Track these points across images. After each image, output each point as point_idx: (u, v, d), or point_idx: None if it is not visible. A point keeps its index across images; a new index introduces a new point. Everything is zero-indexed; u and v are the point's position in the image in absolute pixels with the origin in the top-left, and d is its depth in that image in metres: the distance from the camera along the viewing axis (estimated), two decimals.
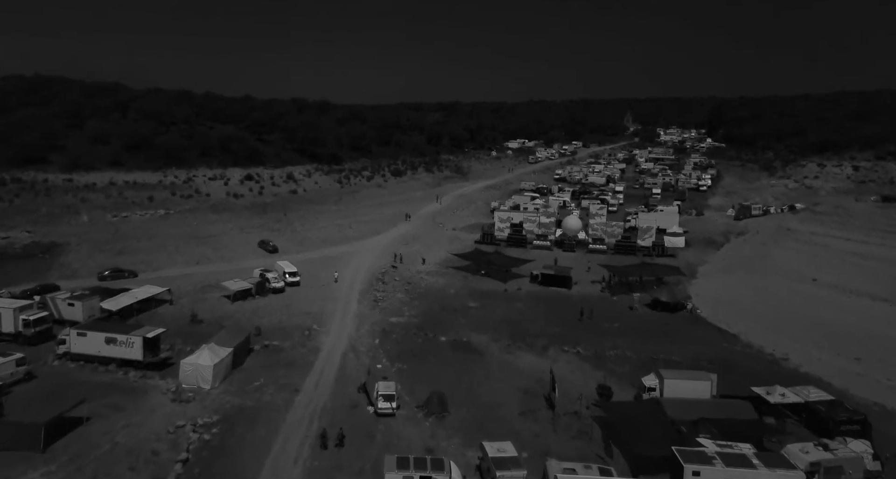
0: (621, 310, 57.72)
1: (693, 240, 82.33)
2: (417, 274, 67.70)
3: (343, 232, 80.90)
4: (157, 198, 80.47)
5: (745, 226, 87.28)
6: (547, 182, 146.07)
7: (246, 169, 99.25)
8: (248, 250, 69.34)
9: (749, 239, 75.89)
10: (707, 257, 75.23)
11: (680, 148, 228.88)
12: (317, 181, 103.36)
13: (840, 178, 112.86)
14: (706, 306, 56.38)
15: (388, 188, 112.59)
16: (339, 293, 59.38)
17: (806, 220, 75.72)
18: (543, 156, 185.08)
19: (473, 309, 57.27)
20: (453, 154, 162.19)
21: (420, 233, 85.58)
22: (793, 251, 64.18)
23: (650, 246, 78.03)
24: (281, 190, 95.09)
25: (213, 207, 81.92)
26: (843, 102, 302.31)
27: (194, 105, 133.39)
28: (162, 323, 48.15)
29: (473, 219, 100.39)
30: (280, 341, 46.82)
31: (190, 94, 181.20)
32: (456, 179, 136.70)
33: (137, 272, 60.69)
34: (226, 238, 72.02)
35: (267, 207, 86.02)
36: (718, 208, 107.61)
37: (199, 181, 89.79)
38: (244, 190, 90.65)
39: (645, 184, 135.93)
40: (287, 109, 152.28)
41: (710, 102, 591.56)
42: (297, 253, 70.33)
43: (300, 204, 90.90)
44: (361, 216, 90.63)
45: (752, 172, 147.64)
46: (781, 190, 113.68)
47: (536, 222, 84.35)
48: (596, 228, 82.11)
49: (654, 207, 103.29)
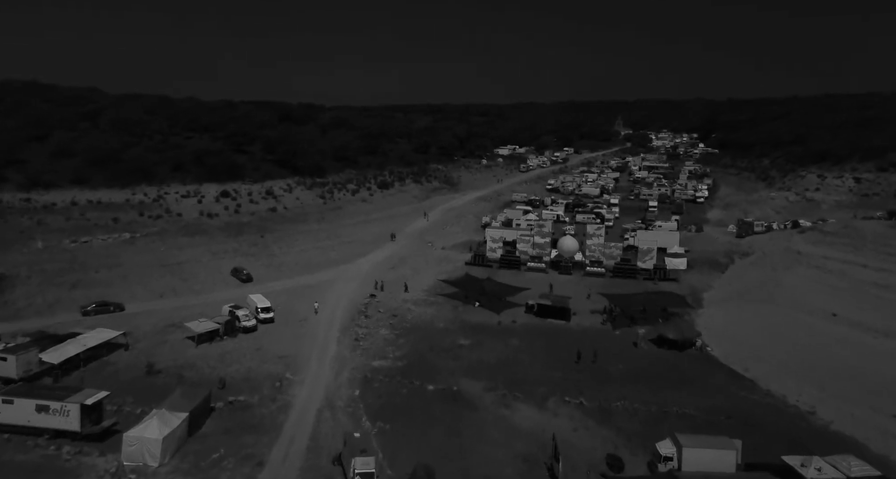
0: (624, 347, 53.04)
1: (695, 261, 77.99)
2: (404, 304, 62.61)
3: (325, 255, 75.54)
4: (123, 219, 74.54)
5: (749, 245, 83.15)
6: (539, 192, 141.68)
7: (222, 184, 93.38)
8: (220, 279, 63.80)
9: (756, 262, 71.62)
10: (711, 280, 70.87)
11: (673, 154, 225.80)
12: (298, 197, 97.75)
13: (842, 190, 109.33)
14: (716, 343, 51.81)
15: (373, 203, 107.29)
16: (317, 330, 54.16)
17: (815, 241, 71.55)
18: (535, 164, 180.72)
19: (465, 348, 52.30)
20: (442, 163, 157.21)
21: (407, 254, 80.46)
22: (806, 279, 59.88)
23: (651, 269, 73.59)
24: (259, 208, 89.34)
25: (185, 228, 76.12)
26: (834, 107, 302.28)
27: (170, 114, 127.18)
28: (113, 375, 42.71)
29: (464, 236, 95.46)
30: (247, 395, 41.51)
31: (169, 100, 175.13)
32: (445, 190, 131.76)
33: (124, 305, 55.56)
34: (196, 266, 66.38)
35: (243, 228, 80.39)
36: (718, 223, 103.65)
37: (170, 199, 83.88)
38: (219, 208, 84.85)
39: (640, 195, 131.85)
40: (268, 119, 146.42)
41: (698, 104, 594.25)
42: (273, 281, 64.91)
43: (279, 223, 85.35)
44: (345, 236, 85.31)
45: (749, 181, 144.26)
46: (782, 203, 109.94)
47: (530, 243, 79.61)
48: (594, 250, 77.52)
49: (653, 223, 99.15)
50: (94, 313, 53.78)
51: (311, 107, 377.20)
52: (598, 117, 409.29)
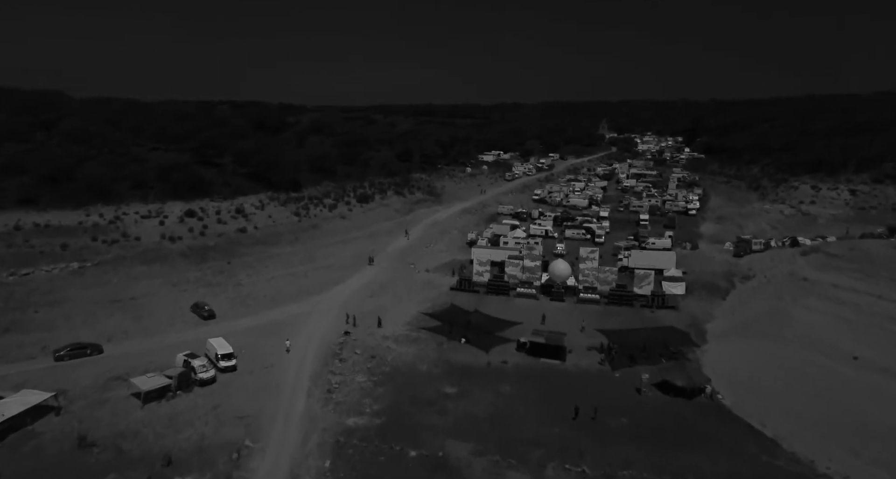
0: (626, 393, 48.02)
1: (693, 284, 73.48)
2: (383, 342, 56.88)
3: (297, 283, 69.41)
4: (73, 246, 67.54)
5: (749, 266, 78.91)
6: (525, 203, 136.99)
7: (188, 203, 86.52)
8: (179, 316, 57.36)
9: (759, 288, 67.26)
10: (712, 308, 66.30)
11: (659, 159, 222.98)
12: (271, 215, 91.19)
13: (838, 203, 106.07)
14: (727, 390, 46.98)
15: (353, 219, 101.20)
16: (285, 379, 48.19)
17: (822, 266, 67.43)
18: (520, 171, 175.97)
19: (451, 398, 46.81)
20: (425, 172, 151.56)
21: (387, 279, 74.69)
22: (818, 313, 55.47)
23: (649, 296, 68.85)
24: (227, 228, 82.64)
25: (143, 255, 69.34)
26: (818, 109, 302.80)
27: (135, 124, 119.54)
28: (35, 452, 36.27)
29: (448, 255, 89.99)
30: (197, 474, 35.53)
31: (138, 106, 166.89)
32: (428, 202, 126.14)
33: (103, 347, 49.68)
34: (152, 301, 59.85)
35: (208, 253, 73.80)
36: (712, 239, 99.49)
37: (128, 220, 76.87)
38: (183, 230, 78.02)
39: (630, 206, 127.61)
40: (242, 128, 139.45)
41: (681, 105, 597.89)
42: (239, 318, 58.66)
43: (249, 246, 78.90)
44: (321, 259, 79.21)
45: (739, 190, 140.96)
46: (777, 217, 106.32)
47: (520, 266, 74.40)
48: (587, 274, 72.50)
49: (646, 240, 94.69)
50: (69, 357, 48.21)
51: (290, 108, 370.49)
52: (583, 119, 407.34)
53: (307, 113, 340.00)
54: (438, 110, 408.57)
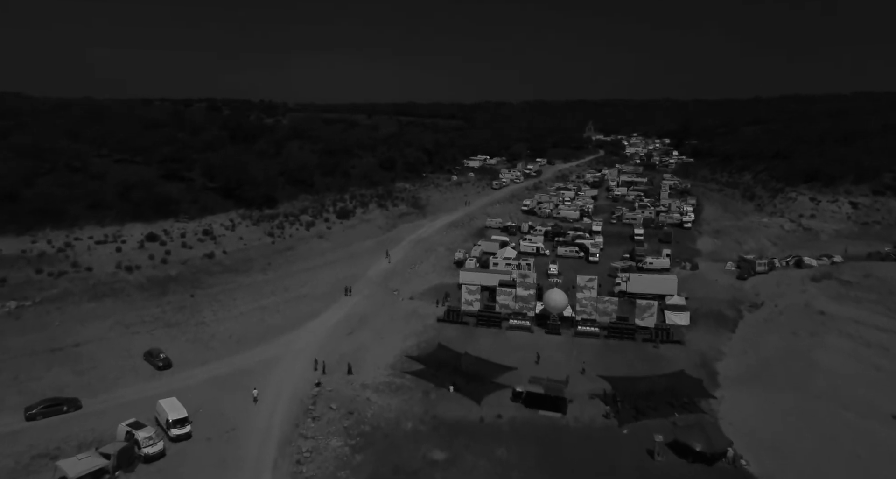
0: (636, 455, 42.52)
1: (697, 313, 68.41)
2: (363, 391, 50.78)
3: (268, 319, 62.80)
4: (13, 280, 59.99)
5: (756, 291, 74.04)
6: (514, 213, 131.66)
7: (150, 224, 79.13)
8: (129, 367, 50.50)
9: (771, 321, 62.25)
10: (721, 343, 61.14)
11: (648, 164, 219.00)
12: (242, 236, 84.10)
13: (839, 217, 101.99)
14: (750, 452, 41.62)
15: (331, 238, 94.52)
16: (247, 448, 41.75)
17: (836, 296, 62.70)
18: (508, 179, 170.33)
19: (439, 466, 40.92)
20: (409, 181, 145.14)
21: (368, 310, 68.36)
22: (841, 355, 50.54)
23: (652, 329, 63.50)
24: (193, 254, 75.44)
25: (94, 289, 62.07)
26: (800, 110, 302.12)
27: (97, 135, 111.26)
28: None
29: (435, 276, 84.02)
30: None
31: (103, 110, 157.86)
32: (413, 215, 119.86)
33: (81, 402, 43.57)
34: (99, 348, 52.86)
35: (170, 284, 66.73)
36: (712, 256, 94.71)
37: (80, 247, 69.37)
38: (142, 258, 70.74)
39: (623, 218, 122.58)
40: (215, 137, 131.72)
41: (665, 104, 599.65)
42: (199, 366, 51.99)
43: (216, 275, 71.94)
44: (295, 288, 72.61)
45: (734, 199, 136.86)
46: (777, 232, 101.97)
47: (512, 295, 68.58)
48: (585, 304, 66.87)
49: (643, 259, 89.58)
50: (43, 415, 42.49)
51: (270, 107, 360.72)
52: (568, 119, 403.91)
53: (288, 113, 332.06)
54: (421, 109, 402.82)
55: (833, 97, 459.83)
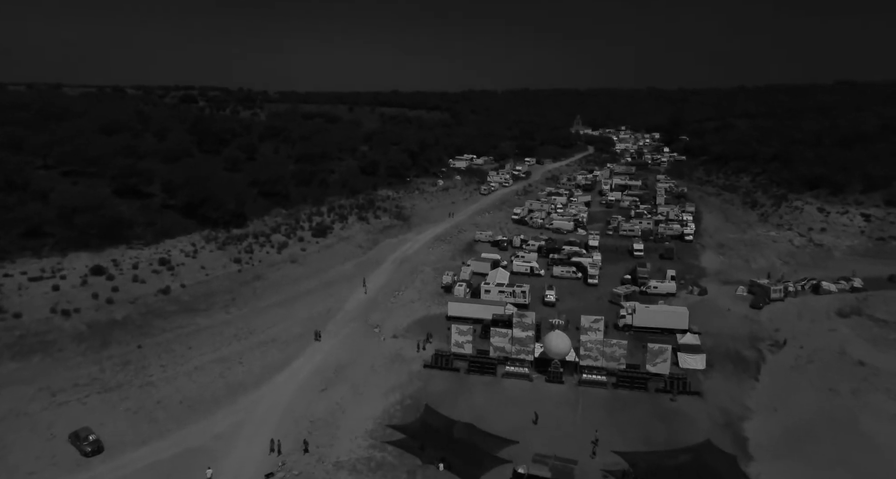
0: None
1: (713, 352, 61.56)
2: (336, 472, 42.77)
3: (228, 374, 54.27)
4: None
5: (775, 324, 67.42)
6: (503, 222, 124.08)
7: (98, 253, 69.76)
8: (48, 454, 41.73)
9: (801, 369, 55.51)
10: (744, 395, 54.17)
11: (640, 163, 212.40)
12: (204, 265, 74.86)
13: (852, 231, 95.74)
14: None
15: (306, 262, 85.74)
16: None
17: (872, 338, 56.24)
18: (496, 182, 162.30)
19: None
20: (393, 187, 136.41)
21: (345, 358, 60.10)
22: (893, 421, 43.50)
23: (666, 378, 56.30)
24: (145, 290, 66.33)
25: (19, 343, 52.87)
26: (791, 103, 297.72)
27: (43, 144, 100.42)
28: None
29: (421, 306, 76.12)
30: None
31: (56, 108, 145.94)
32: (396, 228, 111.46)
33: None
34: (14, 428, 43.92)
35: (114, 332, 57.69)
36: (718, 277, 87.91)
37: (10, 286, 59.75)
38: (84, 297, 61.43)
39: (620, 229, 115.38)
40: (182, 142, 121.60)
41: (650, 93, 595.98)
42: (139, 446, 43.40)
43: (171, 317, 62.92)
44: (262, 330, 64.01)
45: (734, 206, 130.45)
46: (787, 248, 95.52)
47: (508, 337, 60.90)
48: (590, 348, 59.38)
49: (646, 282, 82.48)
50: None
51: (248, 99, 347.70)
52: (553, 111, 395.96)
53: (267, 105, 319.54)
54: (404, 99, 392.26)
55: (817, 88, 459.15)
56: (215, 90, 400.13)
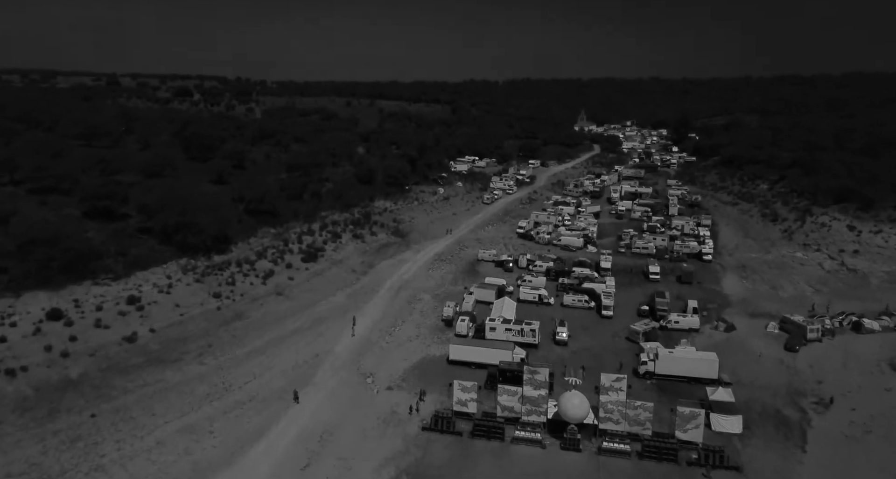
0: None
1: (749, 410, 54.53)
2: None
3: (194, 449, 46.95)
4: None
5: (816, 374, 60.32)
6: (508, 237, 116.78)
7: (57, 292, 62.41)
8: None
9: (857, 439, 48.42)
10: (791, 472, 47.11)
11: (649, 165, 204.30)
12: (178, 303, 67.42)
13: (888, 254, 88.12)
14: None
15: (293, 294, 78.18)
16: None
17: None
18: (499, 189, 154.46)
19: None
20: (391, 197, 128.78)
21: (332, 421, 52.74)
22: None
23: (700, 449, 49.15)
24: (108, 337, 58.84)
25: None
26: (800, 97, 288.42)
27: (15, 148, 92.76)
28: None
29: (419, 346, 69.04)
30: None
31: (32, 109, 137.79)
32: (393, 247, 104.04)
33: None
34: None
35: (65, 397, 50.18)
36: (743, 306, 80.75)
37: None
38: (35, 350, 53.96)
39: (633, 247, 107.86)
40: (166, 150, 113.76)
41: (655, 85, 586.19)
42: None
43: (134, 372, 55.47)
44: (239, 385, 56.66)
45: (753, 219, 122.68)
46: (817, 273, 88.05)
47: (518, 396, 53.70)
48: (611, 410, 52.17)
49: (666, 317, 75.30)
50: None
51: (245, 91, 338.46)
52: (557, 105, 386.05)
53: (262, 98, 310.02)
54: (403, 90, 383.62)
55: (825, 79, 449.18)
56: (212, 80, 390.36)
